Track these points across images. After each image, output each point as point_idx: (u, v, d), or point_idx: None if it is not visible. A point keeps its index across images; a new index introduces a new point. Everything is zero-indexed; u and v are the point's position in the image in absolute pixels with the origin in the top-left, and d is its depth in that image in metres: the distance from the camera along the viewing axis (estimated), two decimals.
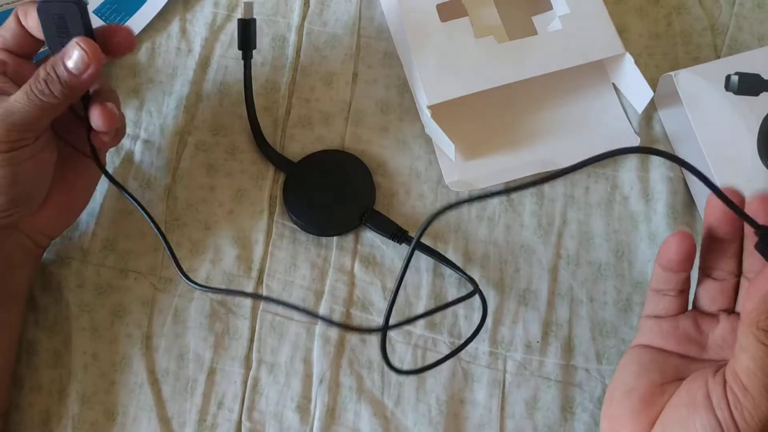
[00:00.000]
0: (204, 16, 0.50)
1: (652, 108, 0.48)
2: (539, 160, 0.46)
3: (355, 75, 0.48)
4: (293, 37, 0.49)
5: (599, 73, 0.48)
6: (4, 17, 0.48)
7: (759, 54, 0.44)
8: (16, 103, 0.35)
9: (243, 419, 0.42)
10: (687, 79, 0.43)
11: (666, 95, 0.46)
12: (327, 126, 0.47)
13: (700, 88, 0.43)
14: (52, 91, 0.35)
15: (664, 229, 0.45)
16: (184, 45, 0.49)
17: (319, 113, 0.47)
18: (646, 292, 0.44)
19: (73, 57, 0.35)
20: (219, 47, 0.49)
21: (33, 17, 0.37)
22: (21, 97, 0.35)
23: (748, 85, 0.43)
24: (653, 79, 0.47)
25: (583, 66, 0.45)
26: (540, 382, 0.42)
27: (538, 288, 0.44)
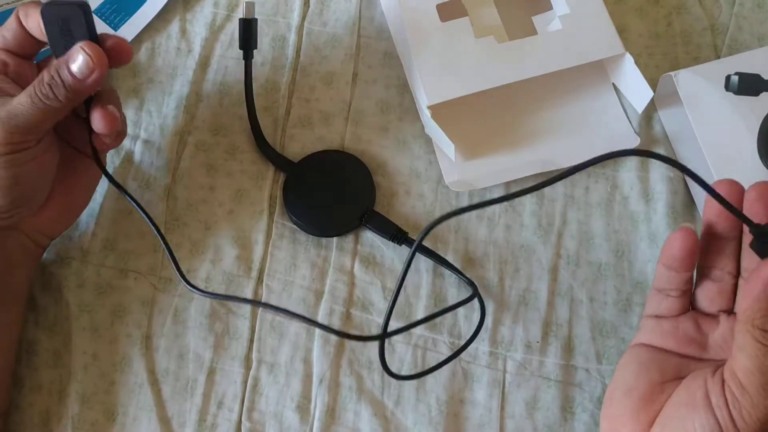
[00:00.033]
0: (204, 16, 0.50)
1: (652, 108, 0.48)
2: (539, 160, 0.46)
3: (355, 75, 0.48)
4: (293, 37, 0.49)
5: (599, 73, 0.48)
6: (4, 17, 0.48)
7: (759, 54, 0.44)
8: (19, 106, 0.35)
9: (243, 419, 0.42)
10: (687, 79, 0.43)
11: (666, 95, 0.46)
12: (327, 126, 0.47)
13: (700, 88, 0.43)
14: (56, 96, 0.35)
15: (664, 229, 0.45)
16: (184, 45, 0.49)
17: (319, 113, 0.47)
18: (646, 292, 0.44)
19: (78, 62, 0.35)
20: (219, 47, 0.49)
21: (34, 18, 0.37)
22: (25, 100, 0.35)
23: (748, 85, 0.43)
24: (653, 79, 0.47)
25: (583, 66, 0.45)
26: (540, 382, 0.42)
27: (538, 288, 0.44)
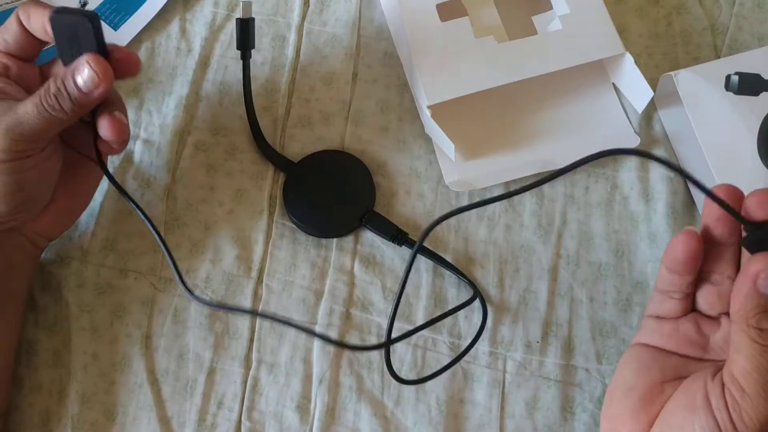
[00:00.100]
0: (204, 15, 0.50)
1: (652, 108, 0.47)
2: (539, 160, 0.46)
3: (355, 75, 0.48)
4: (293, 37, 0.49)
5: (599, 73, 0.48)
6: (4, 17, 0.48)
7: (759, 54, 0.44)
8: (26, 115, 0.35)
9: (243, 419, 0.42)
10: (687, 79, 0.43)
11: (666, 95, 0.46)
12: (327, 126, 0.47)
13: (700, 88, 0.43)
14: (62, 107, 0.35)
15: (664, 229, 0.45)
16: (183, 45, 0.49)
17: (319, 113, 0.47)
18: (646, 292, 0.44)
19: (84, 75, 0.35)
20: (219, 47, 0.49)
21: (37, 19, 0.37)
22: (31, 109, 0.35)
23: (748, 85, 0.43)
24: (653, 79, 0.47)
25: (583, 66, 0.45)
26: (540, 382, 0.42)
27: (538, 288, 0.44)
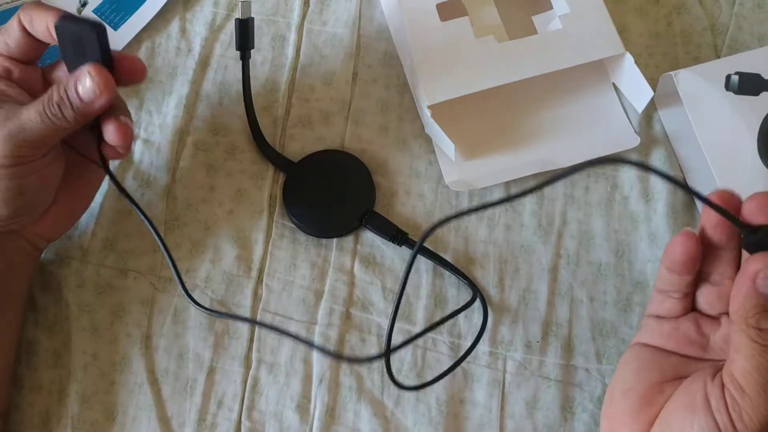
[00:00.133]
0: (204, 15, 0.50)
1: (652, 108, 0.47)
2: (539, 160, 0.46)
3: (355, 75, 0.48)
4: (293, 37, 0.49)
5: (599, 73, 0.48)
6: (3, 17, 0.48)
7: (759, 54, 0.44)
8: (28, 122, 0.35)
9: (243, 419, 0.42)
10: (687, 79, 0.43)
11: (666, 95, 0.46)
12: (327, 126, 0.47)
13: (700, 87, 0.43)
14: (64, 116, 0.35)
15: (664, 229, 0.45)
16: (183, 45, 0.49)
17: (319, 113, 0.47)
18: (646, 291, 0.44)
19: (86, 85, 0.35)
20: (219, 47, 0.49)
21: (39, 22, 0.36)
22: (34, 116, 0.35)
23: (748, 85, 0.43)
24: (653, 79, 0.47)
25: (583, 66, 0.45)
26: (540, 382, 0.42)
27: (538, 288, 0.44)
